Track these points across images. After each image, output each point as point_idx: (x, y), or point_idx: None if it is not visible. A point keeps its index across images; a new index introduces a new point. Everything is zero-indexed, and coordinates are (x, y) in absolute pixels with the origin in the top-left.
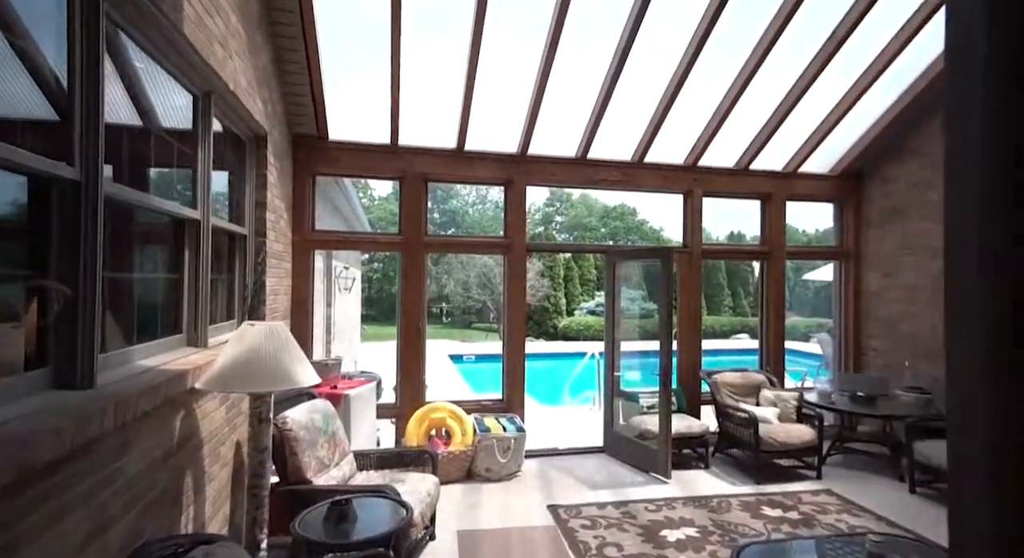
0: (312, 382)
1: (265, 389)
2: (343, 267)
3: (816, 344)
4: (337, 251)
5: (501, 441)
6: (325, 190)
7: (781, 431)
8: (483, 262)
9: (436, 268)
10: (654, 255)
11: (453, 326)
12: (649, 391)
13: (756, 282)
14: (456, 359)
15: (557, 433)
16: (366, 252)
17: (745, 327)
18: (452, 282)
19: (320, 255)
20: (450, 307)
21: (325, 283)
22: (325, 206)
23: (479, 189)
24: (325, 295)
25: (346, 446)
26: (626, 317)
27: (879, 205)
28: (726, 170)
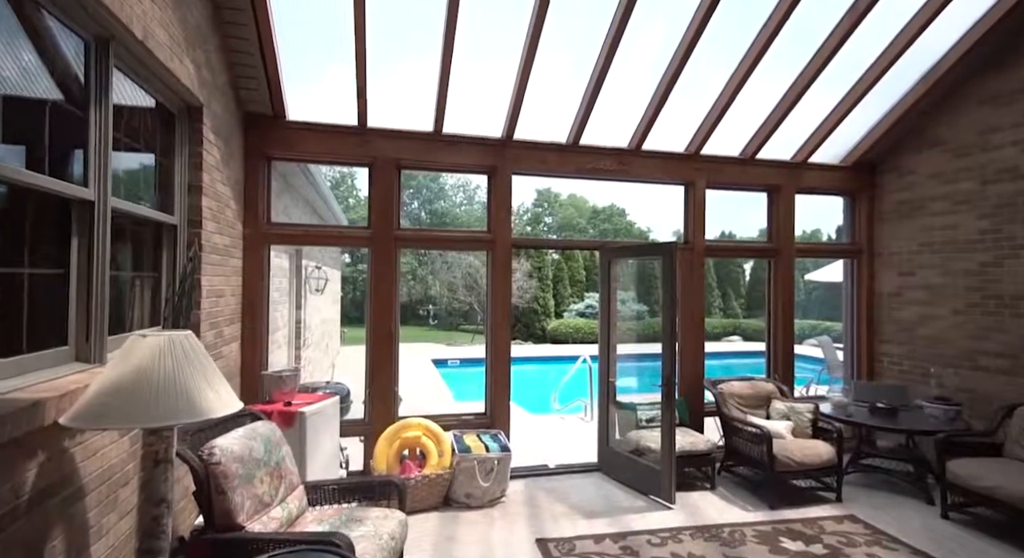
0: (227, 410)
1: (156, 424)
2: (314, 266)
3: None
4: (308, 249)
5: (483, 462)
6: (292, 182)
7: (797, 449)
8: (468, 262)
9: (421, 269)
10: (655, 251)
11: (440, 329)
12: (648, 402)
13: (747, 284)
14: (440, 364)
15: (546, 447)
16: (345, 249)
17: (737, 329)
18: (438, 283)
19: (287, 253)
20: (437, 309)
21: (294, 283)
22: (294, 200)
23: (467, 189)
24: (294, 297)
25: (295, 478)
26: (619, 320)
27: (895, 198)
28: (731, 159)
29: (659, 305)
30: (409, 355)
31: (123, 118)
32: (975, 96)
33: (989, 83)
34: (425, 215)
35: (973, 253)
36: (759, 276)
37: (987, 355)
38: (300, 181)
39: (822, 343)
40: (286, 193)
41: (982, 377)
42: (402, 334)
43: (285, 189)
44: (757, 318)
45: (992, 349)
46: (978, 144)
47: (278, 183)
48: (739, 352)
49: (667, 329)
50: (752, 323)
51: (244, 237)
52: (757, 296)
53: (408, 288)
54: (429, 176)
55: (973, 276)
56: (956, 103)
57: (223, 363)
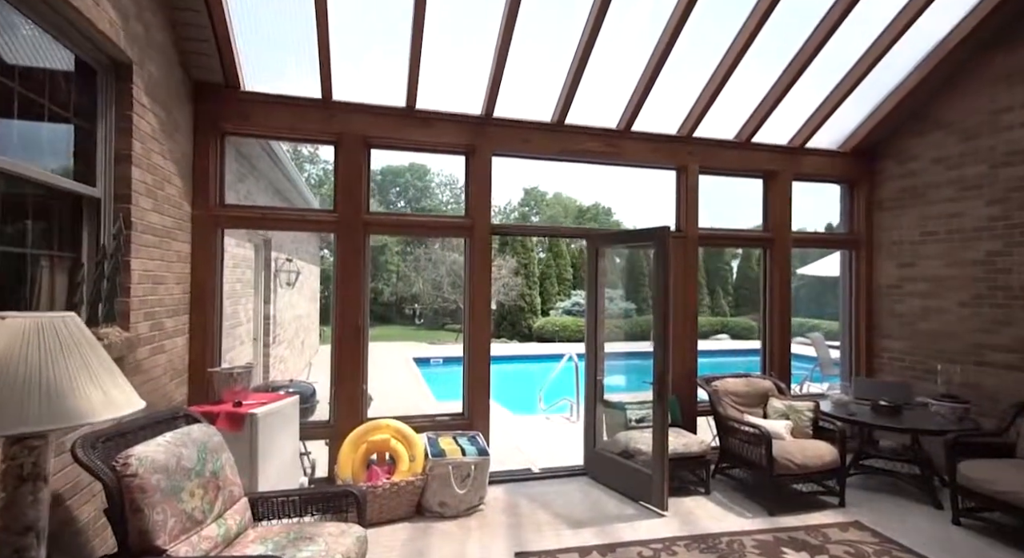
0: (115, 413)
1: (10, 431)
2: (284, 259)
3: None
4: (278, 240)
5: (459, 468)
6: (257, 166)
7: (797, 450)
8: (453, 259)
9: (404, 266)
10: (646, 238)
11: (426, 328)
12: (638, 401)
13: (734, 281)
14: (423, 363)
15: (530, 449)
16: (324, 244)
17: (725, 327)
18: (421, 281)
19: (254, 243)
20: (423, 309)
21: (262, 276)
22: (261, 186)
23: (453, 187)
24: (262, 290)
25: (237, 490)
26: (606, 317)
27: (896, 185)
28: (725, 143)
29: (648, 302)
30: (390, 354)
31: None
32: (985, 75)
33: (1000, 61)
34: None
35: (980, 241)
36: (746, 274)
37: (995, 350)
38: (265, 164)
39: (814, 340)
40: (250, 177)
41: (989, 373)
42: (386, 333)
43: (249, 173)
44: (745, 316)
45: (1001, 343)
46: (987, 125)
47: (241, 166)
48: (728, 350)
49: (659, 322)
50: (740, 321)
51: (193, 219)
52: (745, 294)
53: (393, 287)
54: (415, 174)
55: (980, 266)
56: (963, 83)
57: (165, 358)
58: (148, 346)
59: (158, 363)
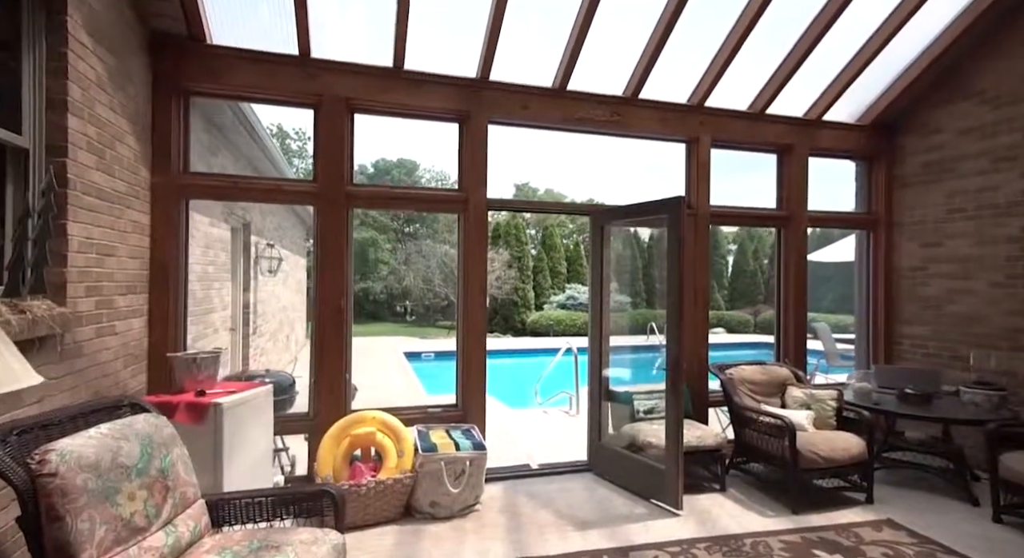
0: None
1: None
2: (265, 244)
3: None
4: (259, 224)
5: (452, 464)
6: (232, 138)
7: (823, 442)
8: (444, 251)
9: (394, 259)
10: (658, 210)
11: (418, 325)
12: (646, 391)
13: (730, 275)
14: (413, 358)
15: (528, 444)
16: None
17: (721, 321)
18: (412, 274)
19: (230, 224)
20: (414, 306)
21: (240, 261)
22: (238, 165)
23: (444, 183)
24: (240, 276)
25: (192, 490)
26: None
27: (919, 160)
28: (738, 113)
29: (643, 295)
30: (379, 348)
31: None
32: (1018, 37)
33: None
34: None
35: (1016, 217)
36: (742, 267)
37: None
38: (241, 139)
39: (820, 331)
40: (224, 151)
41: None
42: (377, 330)
43: (223, 146)
44: (741, 310)
45: None
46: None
47: (213, 138)
48: (725, 344)
49: (673, 303)
50: (736, 315)
51: (152, 187)
52: (740, 287)
53: (384, 282)
54: (404, 169)
55: (1016, 244)
56: (997, 46)
57: (118, 341)
58: (93, 326)
59: (108, 346)
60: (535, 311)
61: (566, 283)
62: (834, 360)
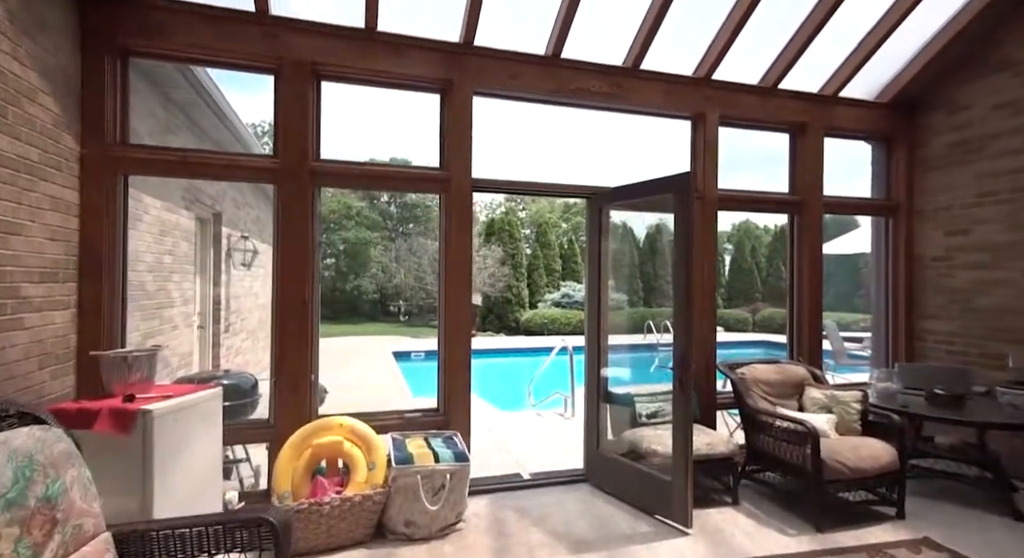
0: None
1: None
2: (240, 236)
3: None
4: (231, 214)
5: (430, 477)
6: (193, 116)
7: (849, 450)
8: (436, 247)
9: (385, 257)
10: (664, 189)
11: (411, 325)
12: (649, 392)
13: (727, 273)
14: (403, 358)
15: (520, 450)
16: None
17: (719, 319)
18: (403, 272)
19: (194, 213)
20: (407, 305)
21: (210, 253)
22: (196, 140)
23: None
24: (210, 270)
25: (92, 522)
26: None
27: (944, 140)
28: (748, 88)
29: (640, 294)
30: (369, 348)
31: None
32: None
33: None
34: (395, 209)
35: None
36: (739, 265)
37: None
38: (204, 116)
39: (827, 329)
40: (185, 131)
41: None
42: (371, 329)
43: (184, 126)
44: (738, 308)
45: None
46: None
47: (172, 116)
48: (724, 342)
49: (681, 294)
50: (734, 313)
51: (82, 159)
52: (738, 285)
53: (375, 281)
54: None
55: None
56: None
57: (29, 337)
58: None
59: (15, 342)
60: (529, 309)
61: (561, 281)
62: (841, 359)
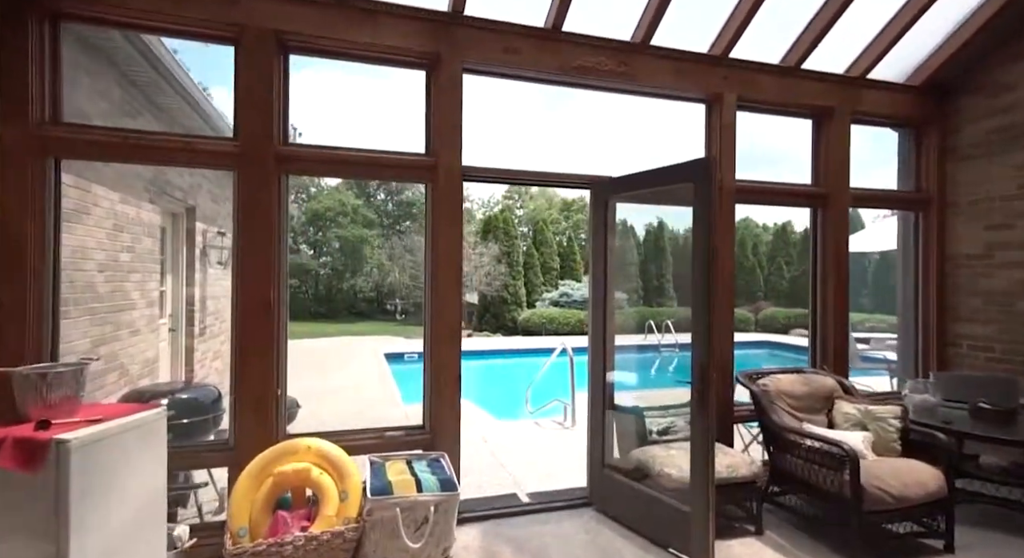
0: None
1: None
2: (216, 232)
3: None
4: (203, 209)
5: (411, 510)
6: (156, 99)
7: (891, 474)
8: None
9: (381, 255)
10: (680, 177)
11: (408, 324)
12: (660, 405)
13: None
14: (396, 359)
15: (517, 465)
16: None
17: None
18: (397, 271)
19: (164, 207)
20: (405, 304)
21: (183, 251)
22: (162, 125)
23: None
24: (182, 269)
25: None
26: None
27: (982, 126)
28: (768, 68)
29: (640, 293)
30: (360, 349)
31: None
32: None
33: None
34: (392, 206)
35: None
36: (741, 263)
37: None
38: (175, 104)
39: None
40: (147, 114)
41: None
42: (364, 328)
43: (147, 109)
44: (740, 307)
45: None
46: None
47: (131, 97)
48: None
49: (700, 294)
50: (739, 313)
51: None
52: (741, 285)
53: (371, 279)
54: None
55: None
56: None
57: None
58: None
59: None
60: (527, 309)
61: (559, 279)
62: (856, 361)
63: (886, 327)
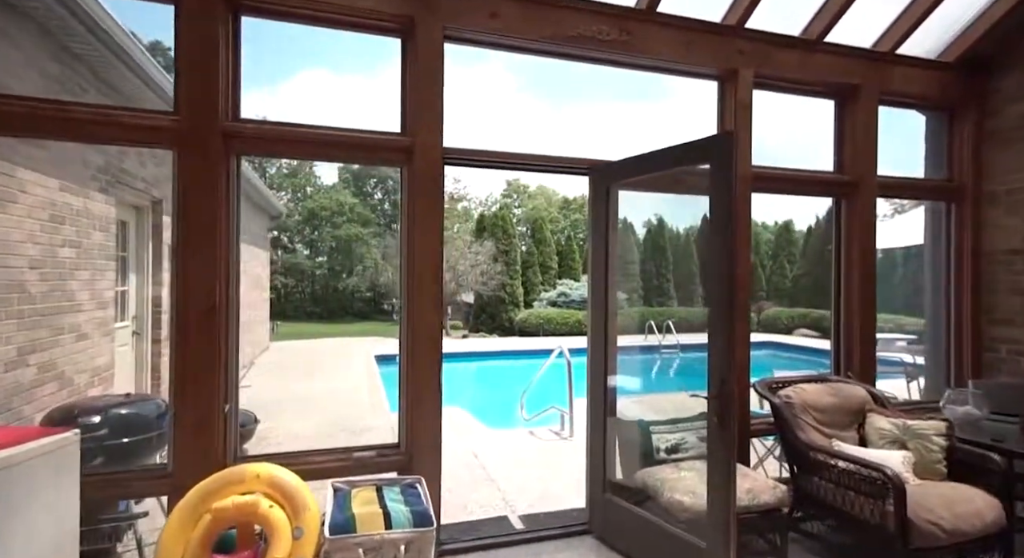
0: None
1: None
2: None
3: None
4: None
5: (378, 550)
6: (100, 72)
7: (941, 504)
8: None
9: (375, 252)
10: (697, 156)
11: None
12: (668, 418)
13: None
14: (387, 361)
15: (509, 482)
16: (272, 226)
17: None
18: (391, 270)
19: (121, 199)
20: (402, 303)
21: (148, 248)
22: (104, 97)
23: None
24: (147, 267)
25: None
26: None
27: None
28: (787, 40)
29: (640, 293)
30: (352, 351)
31: None
32: None
33: None
34: (389, 206)
35: None
36: None
37: None
38: (127, 81)
39: None
40: (96, 92)
41: None
42: (361, 328)
43: (94, 87)
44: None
45: None
46: None
47: (72, 73)
48: None
49: (721, 292)
50: None
51: None
52: None
53: (365, 278)
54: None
55: None
56: None
57: None
58: None
59: None
60: (524, 309)
61: (557, 279)
62: None
63: (892, 327)
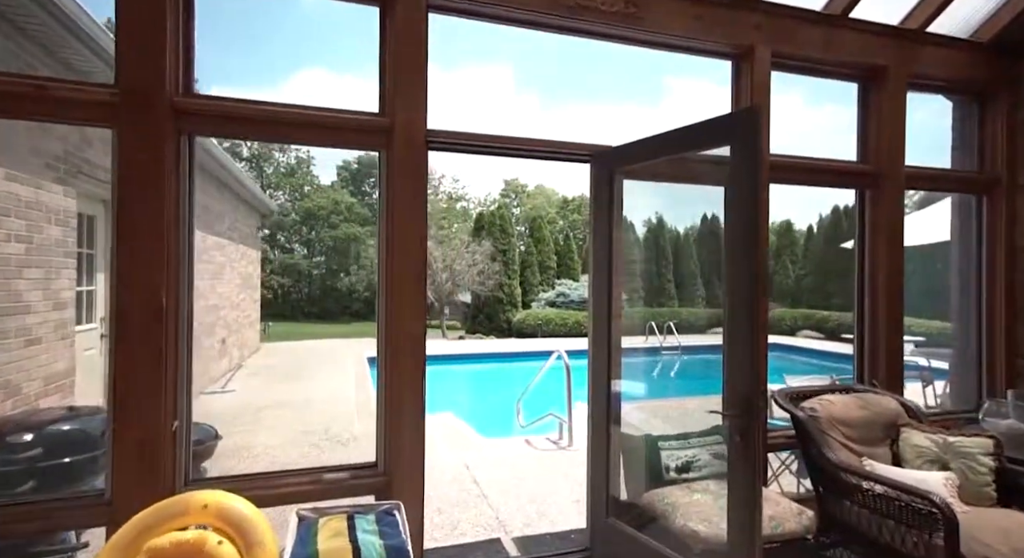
0: None
1: None
2: None
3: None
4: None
5: None
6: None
7: (993, 533)
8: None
9: (372, 252)
10: (715, 137)
11: None
12: (677, 434)
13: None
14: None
15: (502, 499)
16: (263, 223)
17: (722, 321)
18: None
19: (84, 193)
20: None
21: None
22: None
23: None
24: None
25: None
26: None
27: None
28: (809, 15)
29: (640, 293)
30: (348, 352)
31: None
32: None
33: None
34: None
35: None
36: None
37: None
38: (76, 53)
39: None
40: (50, 71)
41: None
42: (358, 329)
43: (48, 65)
44: None
45: None
46: None
47: (19, 49)
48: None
49: (743, 294)
50: None
51: None
52: None
53: (368, 279)
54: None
55: None
56: None
57: None
58: None
59: None
60: (522, 309)
61: (556, 279)
62: None
63: None
